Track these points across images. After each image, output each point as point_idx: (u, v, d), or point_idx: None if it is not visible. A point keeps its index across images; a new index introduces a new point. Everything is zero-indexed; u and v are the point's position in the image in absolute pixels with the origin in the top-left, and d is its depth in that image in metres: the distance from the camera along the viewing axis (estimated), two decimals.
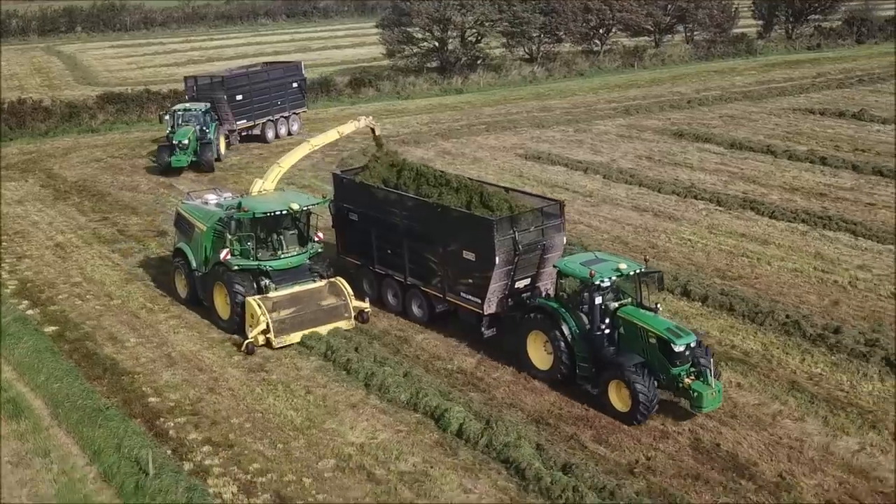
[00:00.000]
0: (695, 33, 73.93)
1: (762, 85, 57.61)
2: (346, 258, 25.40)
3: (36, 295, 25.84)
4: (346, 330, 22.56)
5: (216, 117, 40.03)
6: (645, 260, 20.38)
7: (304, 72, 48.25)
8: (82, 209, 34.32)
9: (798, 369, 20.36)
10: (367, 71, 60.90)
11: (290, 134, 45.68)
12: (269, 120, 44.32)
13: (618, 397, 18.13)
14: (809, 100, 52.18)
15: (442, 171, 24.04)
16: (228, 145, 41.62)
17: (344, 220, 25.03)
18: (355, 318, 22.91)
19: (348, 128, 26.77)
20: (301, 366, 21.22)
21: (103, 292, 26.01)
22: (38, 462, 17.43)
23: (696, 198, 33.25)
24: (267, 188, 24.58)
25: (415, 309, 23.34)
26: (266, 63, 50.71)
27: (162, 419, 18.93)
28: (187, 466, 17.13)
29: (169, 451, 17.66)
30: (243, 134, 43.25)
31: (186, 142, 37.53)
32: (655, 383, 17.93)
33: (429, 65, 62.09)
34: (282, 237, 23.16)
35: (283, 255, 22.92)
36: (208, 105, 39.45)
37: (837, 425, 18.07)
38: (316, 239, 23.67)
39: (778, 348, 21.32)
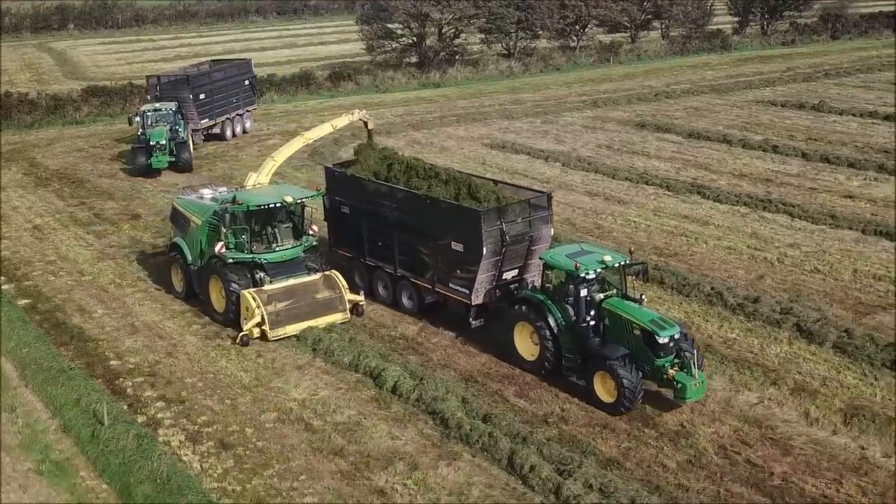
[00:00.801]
0: (670, 29, 75.43)
1: (731, 79, 59.15)
2: (337, 251, 25.60)
3: (12, 272, 27.36)
4: (340, 323, 22.64)
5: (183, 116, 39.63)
6: (630, 252, 20.54)
7: (253, 69, 48.13)
8: (62, 195, 35.84)
9: (714, 335, 21.89)
10: (347, 65, 62.36)
11: (244, 132, 45.71)
12: (227, 118, 44.20)
13: (603, 388, 18.33)
14: (774, 92, 53.74)
15: (432, 164, 24.28)
16: (193, 145, 40.74)
17: (336, 214, 25.22)
18: (350, 310, 22.99)
19: (342, 121, 26.68)
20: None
21: (76, 269, 27.53)
22: (5, 417, 18.93)
23: (647, 183, 34.79)
24: (261, 181, 24.51)
25: (405, 300, 23.57)
26: (213, 61, 50.24)
27: (121, 379, 20.46)
28: (141, 419, 18.65)
29: (125, 406, 19.18)
30: (206, 133, 42.84)
31: (164, 142, 37.11)
32: (640, 374, 18.12)
33: (408, 60, 63.59)
34: (276, 230, 23.18)
35: (277, 248, 22.98)
36: (177, 104, 39.21)
37: (741, 382, 19.62)
38: (310, 232, 23.70)
39: (699, 316, 22.86)
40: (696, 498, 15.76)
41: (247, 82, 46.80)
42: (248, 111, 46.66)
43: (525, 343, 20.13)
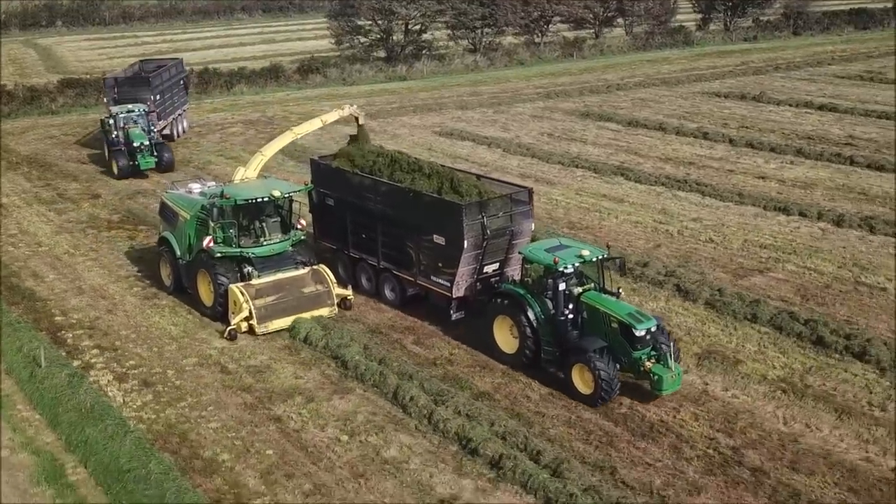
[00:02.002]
0: (634, 26, 77.79)
1: (686, 72, 61.51)
2: (322, 243, 25.91)
3: None
4: (327, 317, 22.75)
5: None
6: (607, 246, 21.02)
7: (185, 68, 48.28)
8: (29, 177, 38.14)
9: None
10: (317, 59, 64.67)
11: (183, 131, 45.28)
12: (173, 118, 43.79)
13: (581, 380, 18.58)
14: (722, 85, 56.08)
15: (416, 158, 24.49)
16: None
17: (321, 206, 25.44)
18: (338, 304, 23.08)
19: (332, 116, 26.54)
20: (189, 295, 25.07)
21: (34, 241, 29.85)
22: None
23: (577, 167, 37.13)
24: (249, 176, 24.72)
25: (387, 292, 23.82)
26: (142, 61, 49.20)
27: (63, 332, 22.79)
28: (76, 363, 20.98)
29: (63, 353, 21.51)
30: (160, 134, 40.80)
31: (147, 142, 36.82)
32: (617, 366, 18.41)
33: (376, 54, 65.91)
34: (264, 224, 23.22)
35: (265, 243, 23.03)
36: (146, 106, 38.73)
37: None
38: (299, 226, 23.75)
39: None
40: (550, 423, 18.09)
41: (181, 82, 46.47)
42: (184, 111, 46.29)
43: (505, 336, 20.35)
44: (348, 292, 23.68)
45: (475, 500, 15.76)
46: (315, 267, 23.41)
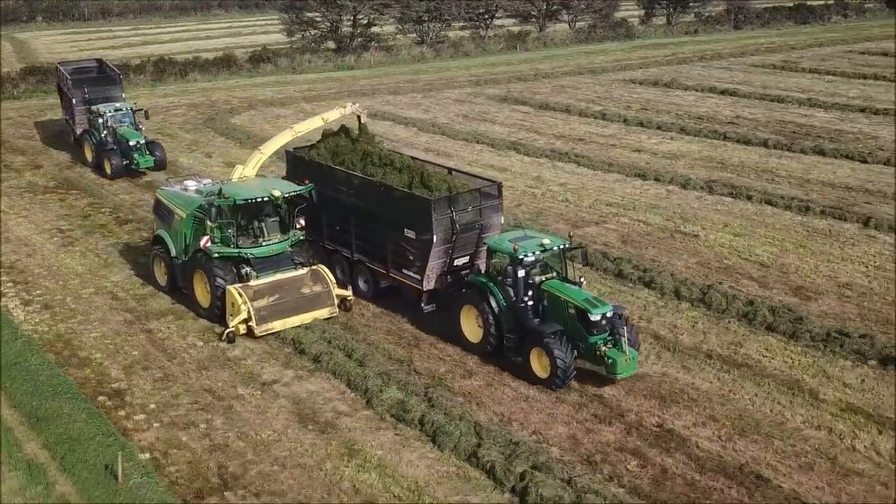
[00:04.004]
0: (577, 19, 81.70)
1: (616, 63, 65.39)
2: None
3: None
4: (327, 319, 22.44)
5: None
6: (569, 236, 21.64)
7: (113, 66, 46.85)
8: None
9: None
10: (269, 49, 68.50)
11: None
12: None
13: (539, 364, 18.88)
14: (644, 73, 59.93)
15: (389, 151, 25.11)
16: None
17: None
18: (338, 305, 22.74)
19: (333, 114, 26.09)
20: (104, 243, 28.86)
21: None
22: None
23: (478, 143, 41.00)
24: (248, 175, 24.36)
25: (360, 284, 23.99)
26: (61, 62, 47.28)
27: None
28: None
29: None
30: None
31: (142, 141, 36.59)
32: (574, 352, 18.72)
33: (327, 45, 69.78)
34: (263, 224, 22.82)
35: (264, 243, 22.60)
36: (133, 104, 39.17)
37: None
38: (298, 226, 23.32)
39: None
40: (373, 332, 21.93)
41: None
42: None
43: (471, 326, 20.66)
44: (348, 293, 23.36)
45: (293, 383, 19.60)
46: (314, 267, 22.98)
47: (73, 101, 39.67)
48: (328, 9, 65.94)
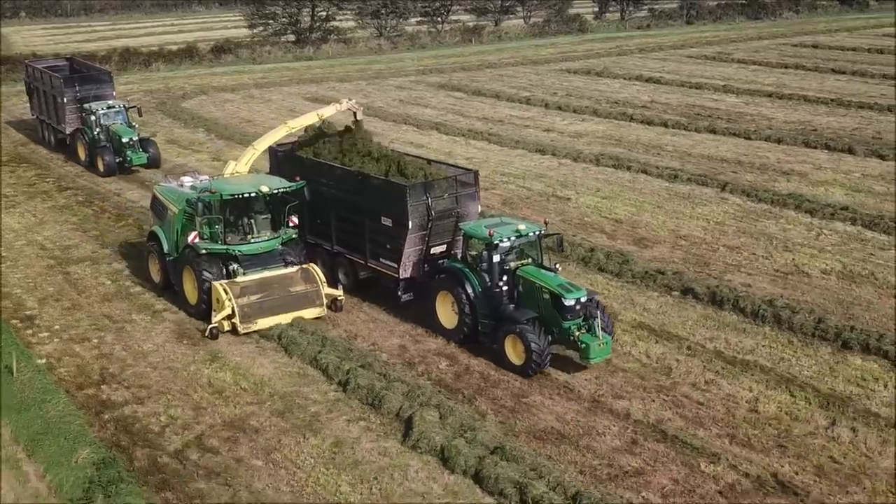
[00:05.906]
0: (532, 14, 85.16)
1: (561, 55, 68.84)
2: None
3: None
4: (315, 318, 22.11)
5: None
6: (545, 223, 21.89)
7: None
8: None
9: None
10: (231, 41, 71.89)
11: None
12: None
13: (513, 351, 18.95)
14: (584, 64, 63.37)
15: (365, 143, 24.93)
16: None
17: None
18: (328, 305, 22.42)
19: (328, 111, 25.81)
20: (42, 206, 32.19)
21: None
22: None
23: (405, 123, 44.39)
24: (240, 170, 24.01)
25: (341, 276, 24.03)
26: (29, 60, 47.90)
27: None
28: None
29: None
30: None
31: (136, 138, 36.66)
32: (549, 338, 18.79)
33: (287, 37, 73.22)
34: (253, 221, 22.55)
35: (253, 240, 22.31)
36: (126, 102, 39.58)
37: None
38: (290, 224, 23.08)
39: None
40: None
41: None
42: None
43: (446, 312, 20.74)
44: (339, 293, 23.05)
45: (181, 312, 22.89)
46: (304, 266, 22.68)
47: (64, 100, 38.60)
48: (287, 3, 69.22)
